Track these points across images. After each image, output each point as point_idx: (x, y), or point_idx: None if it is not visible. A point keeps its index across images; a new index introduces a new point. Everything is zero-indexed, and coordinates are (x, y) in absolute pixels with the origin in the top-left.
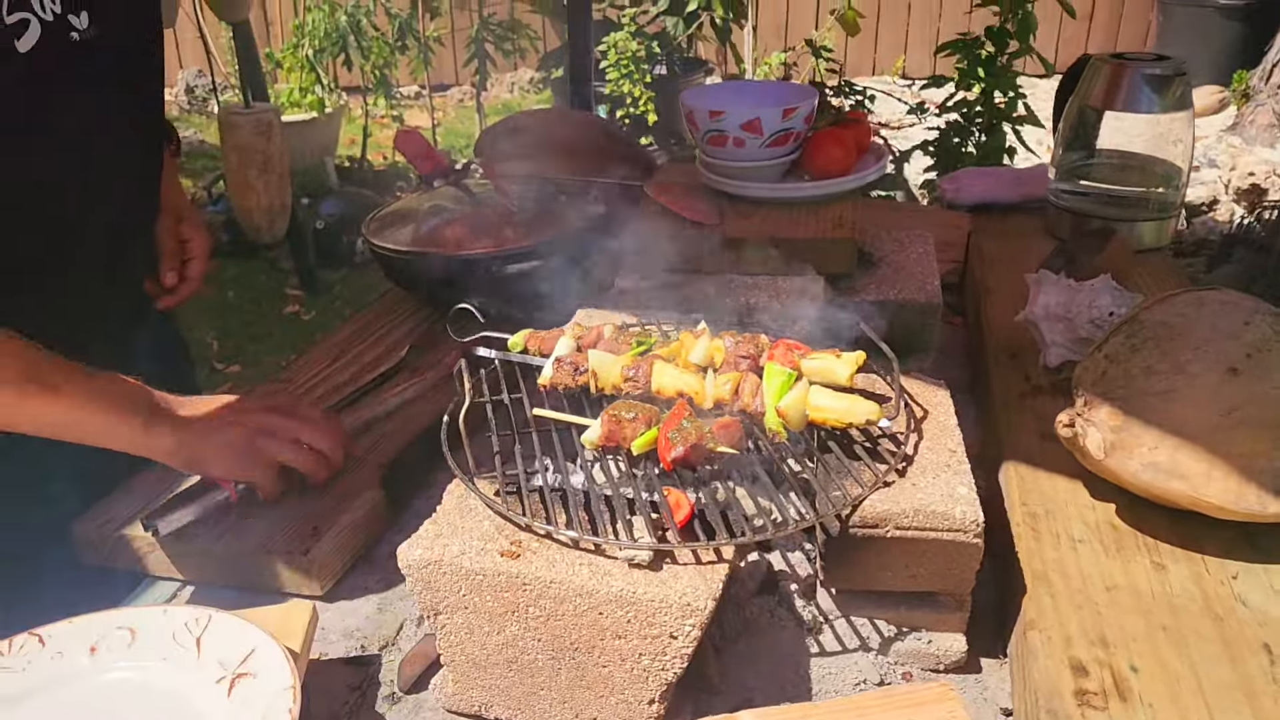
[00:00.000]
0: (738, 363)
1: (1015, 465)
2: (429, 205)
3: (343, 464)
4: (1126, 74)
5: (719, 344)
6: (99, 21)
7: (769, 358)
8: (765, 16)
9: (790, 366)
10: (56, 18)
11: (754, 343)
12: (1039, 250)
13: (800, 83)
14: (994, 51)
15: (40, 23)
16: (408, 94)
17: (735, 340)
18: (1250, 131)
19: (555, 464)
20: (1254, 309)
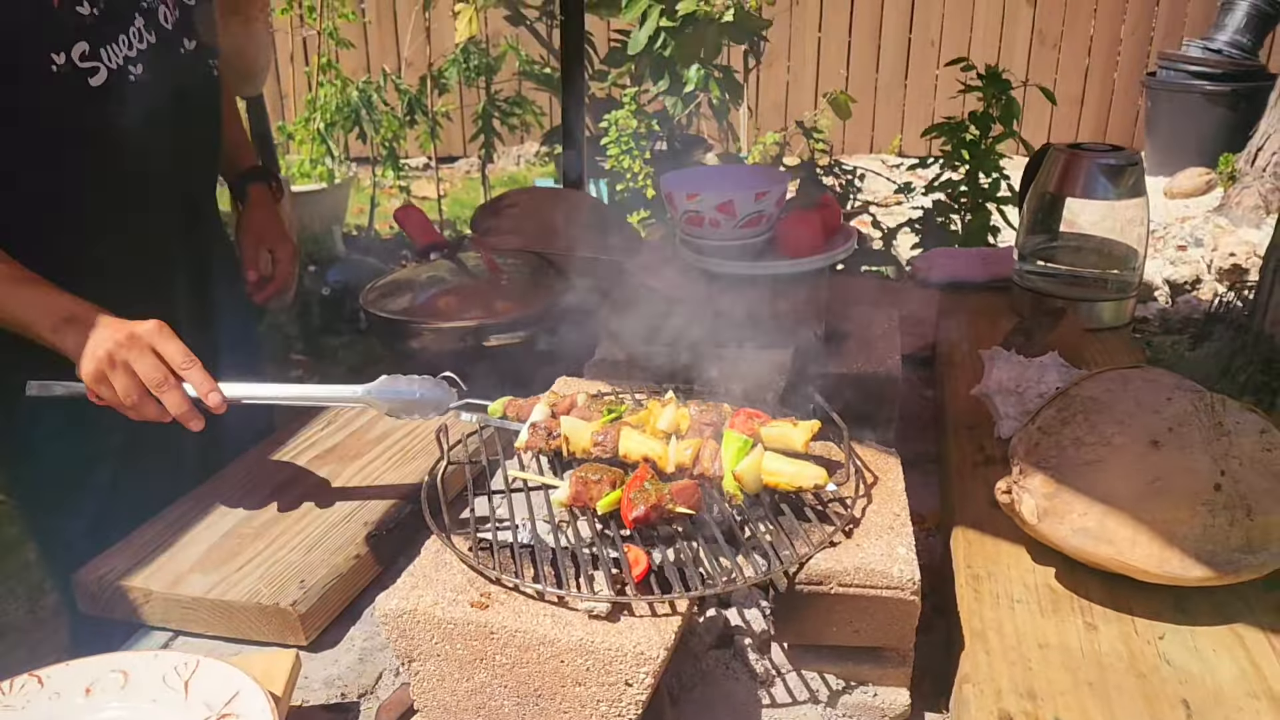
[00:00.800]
0: (702, 429)
1: (964, 530)
2: (426, 276)
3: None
4: (1083, 164)
5: (684, 412)
6: (150, 71)
7: (729, 425)
8: (765, 96)
9: (749, 434)
10: (120, 67)
11: (717, 411)
12: (1002, 327)
13: (788, 162)
14: (978, 135)
15: (107, 69)
16: (416, 165)
17: (700, 408)
18: (1237, 213)
19: (527, 522)
20: (1175, 386)
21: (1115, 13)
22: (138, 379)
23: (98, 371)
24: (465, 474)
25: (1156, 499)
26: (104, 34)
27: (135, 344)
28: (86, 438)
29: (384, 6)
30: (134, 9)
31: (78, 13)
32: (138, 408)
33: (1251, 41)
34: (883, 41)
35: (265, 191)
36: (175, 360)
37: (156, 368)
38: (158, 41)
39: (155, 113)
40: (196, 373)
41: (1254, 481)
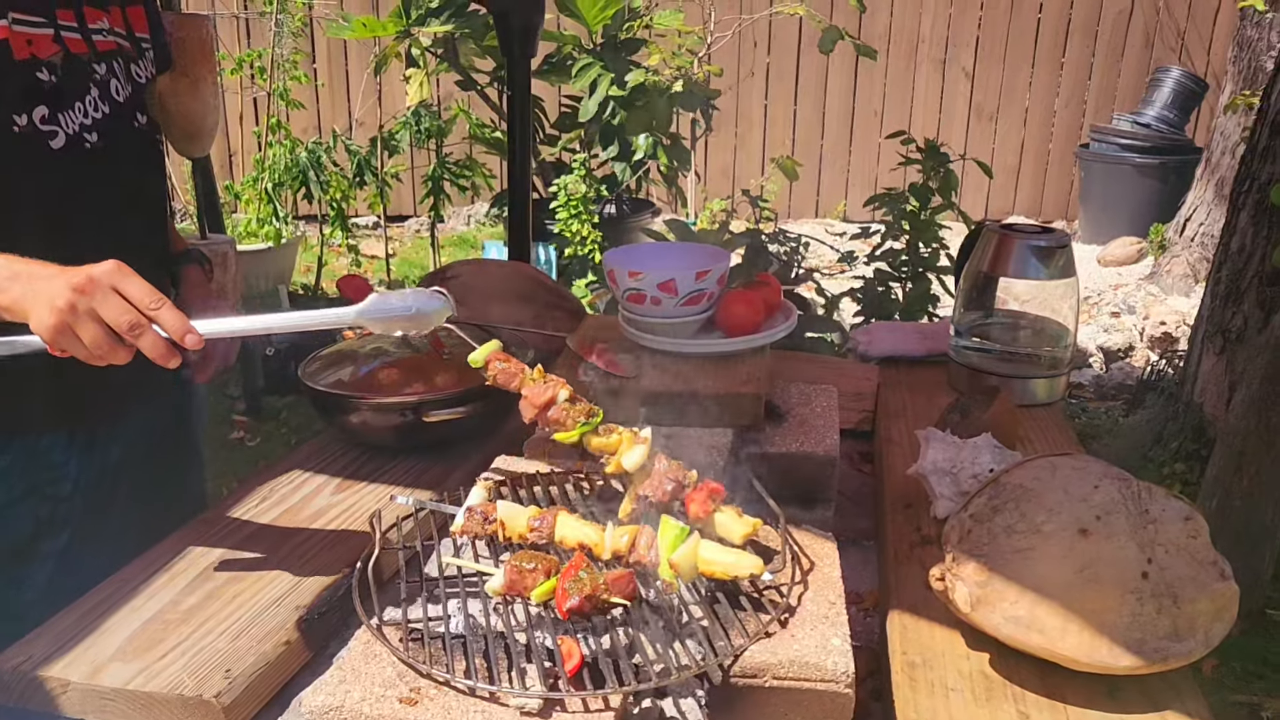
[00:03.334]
0: (663, 483)
1: (900, 614)
2: (369, 348)
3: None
4: (1014, 245)
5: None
6: (104, 139)
7: (690, 497)
8: (713, 161)
9: (704, 511)
10: (75, 133)
11: (683, 473)
12: (940, 402)
13: (735, 228)
14: (919, 206)
15: (65, 134)
16: (365, 224)
17: (668, 464)
18: (1167, 280)
19: (460, 611)
20: (1102, 474)
21: (1049, 87)
22: (105, 325)
23: (59, 324)
24: (399, 559)
25: (1085, 587)
26: (62, 100)
27: (97, 288)
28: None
29: (335, 69)
30: (89, 79)
31: (38, 78)
32: (107, 355)
33: (1178, 117)
34: (827, 110)
35: (199, 272)
36: (143, 301)
37: (125, 310)
38: (111, 113)
39: (108, 181)
40: (167, 312)
41: (1180, 569)
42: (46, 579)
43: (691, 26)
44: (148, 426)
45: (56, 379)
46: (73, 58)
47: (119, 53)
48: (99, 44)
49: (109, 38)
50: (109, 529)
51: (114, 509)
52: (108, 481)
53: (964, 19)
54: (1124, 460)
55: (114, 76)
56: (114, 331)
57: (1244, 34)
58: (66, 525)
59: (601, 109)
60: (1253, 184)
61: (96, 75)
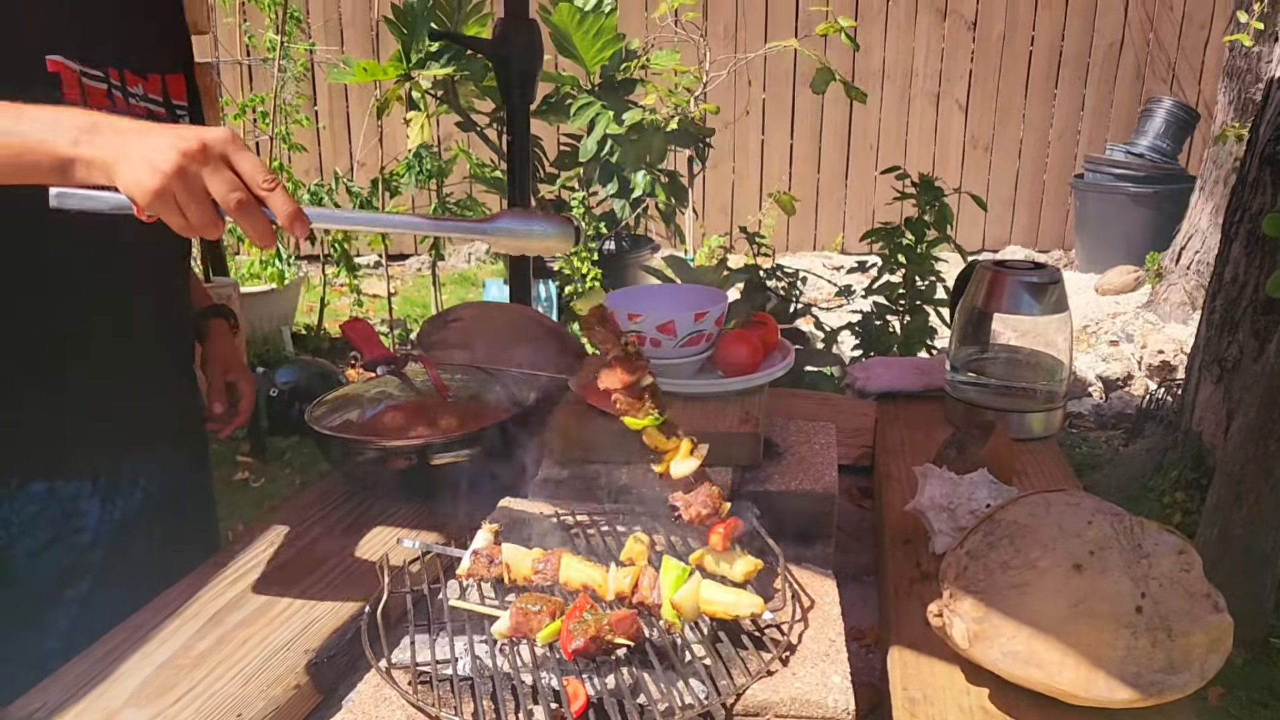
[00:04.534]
0: (700, 505)
1: (900, 650)
2: (374, 392)
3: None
4: (1007, 281)
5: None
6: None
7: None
8: (711, 197)
9: (723, 546)
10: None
11: (720, 503)
12: (938, 437)
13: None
14: (914, 240)
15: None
16: (367, 263)
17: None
18: (1164, 309)
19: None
20: (1096, 509)
21: (1043, 118)
22: (209, 199)
23: (162, 189)
24: (406, 602)
25: (1080, 622)
26: None
27: (209, 156)
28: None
29: (337, 112)
30: None
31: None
32: (203, 230)
33: (1171, 146)
34: (823, 144)
35: (224, 325)
36: (254, 179)
37: (236, 186)
38: None
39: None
40: (279, 195)
41: (1174, 602)
42: (69, 625)
43: (687, 66)
44: (167, 473)
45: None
46: (117, 113)
47: (149, 119)
48: (134, 107)
49: (143, 103)
50: (129, 574)
51: (133, 555)
52: (128, 528)
53: (957, 53)
54: (1124, 489)
55: None
56: (216, 205)
57: (1233, 64)
58: (88, 572)
59: (600, 147)
60: (1244, 214)
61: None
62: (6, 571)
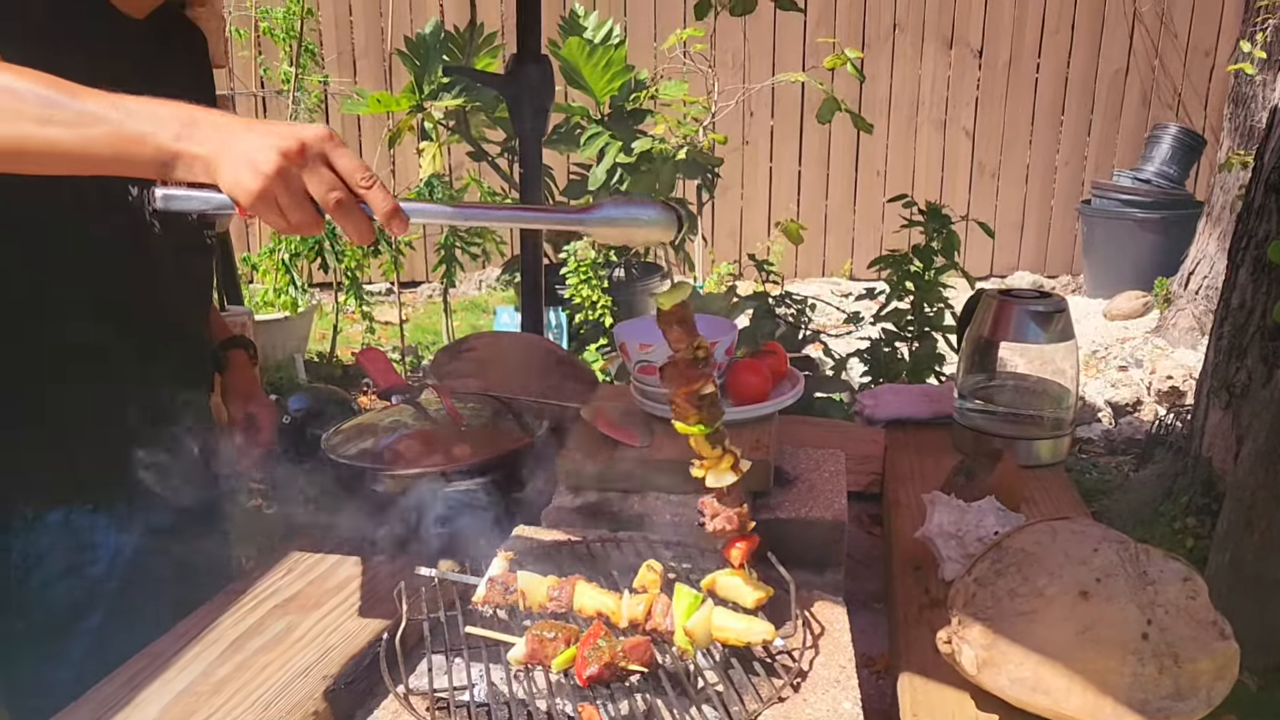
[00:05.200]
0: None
1: (910, 677)
2: (389, 420)
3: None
4: (1013, 310)
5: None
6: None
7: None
8: (720, 224)
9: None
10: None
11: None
12: (946, 464)
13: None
14: (922, 268)
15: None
16: (378, 290)
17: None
18: (1173, 334)
19: (482, 678)
20: (1102, 537)
21: (1049, 144)
22: (310, 198)
23: (264, 190)
24: (423, 629)
25: (1087, 648)
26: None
27: (309, 157)
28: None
29: (350, 142)
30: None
31: None
32: (304, 229)
33: (1178, 172)
34: (831, 171)
35: (244, 356)
36: (353, 177)
37: (335, 185)
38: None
39: (163, 259)
40: (377, 191)
41: (1180, 629)
42: (82, 656)
43: (696, 96)
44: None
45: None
46: None
47: None
48: None
49: None
50: (142, 605)
51: (147, 585)
52: (142, 559)
53: (963, 81)
54: (1135, 515)
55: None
56: (315, 204)
57: (1239, 91)
58: (101, 603)
59: (610, 176)
60: (1249, 241)
61: None
62: (20, 602)
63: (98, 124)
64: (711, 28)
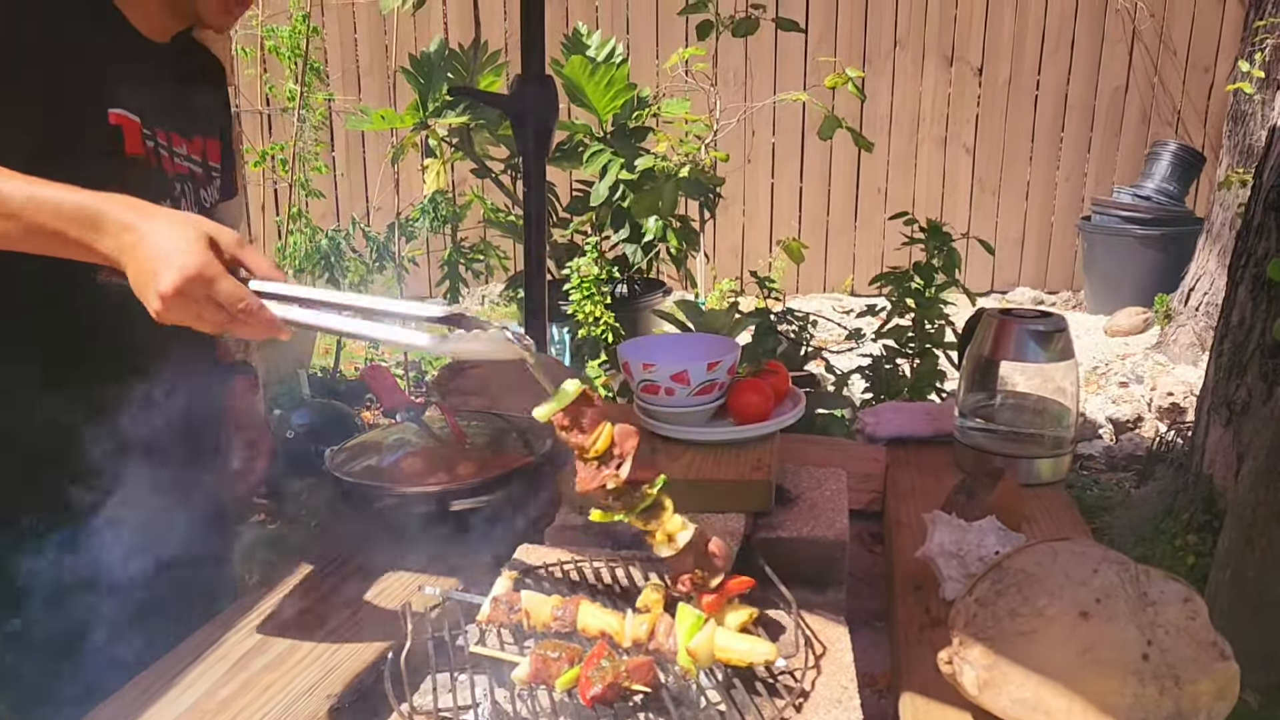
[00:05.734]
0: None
1: (912, 696)
2: (393, 439)
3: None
4: (1012, 329)
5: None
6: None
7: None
8: (722, 240)
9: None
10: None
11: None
12: (947, 483)
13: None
14: (923, 285)
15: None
16: None
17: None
18: (1174, 350)
19: (486, 698)
20: (1101, 558)
21: (1049, 161)
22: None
23: (160, 313)
24: (428, 648)
25: (1088, 669)
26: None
27: (191, 297)
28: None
29: (354, 158)
30: (168, 197)
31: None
32: (215, 331)
33: (1178, 189)
34: (832, 188)
35: (246, 383)
36: (233, 308)
37: (216, 315)
38: None
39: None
40: (247, 327)
41: (1180, 650)
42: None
43: (698, 114)
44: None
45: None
46: (164, 174)
47: (190, 177)
48: (178, 166)
49: (185, 163)
50: (147, 624)
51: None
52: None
53: (963, 98)
54: (1136, 531)
55: (184, 197)
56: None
57: (1238, 109)
58: (107, 619)
59: (612, 193)
60: (1249, 259)
61: (174, 193)
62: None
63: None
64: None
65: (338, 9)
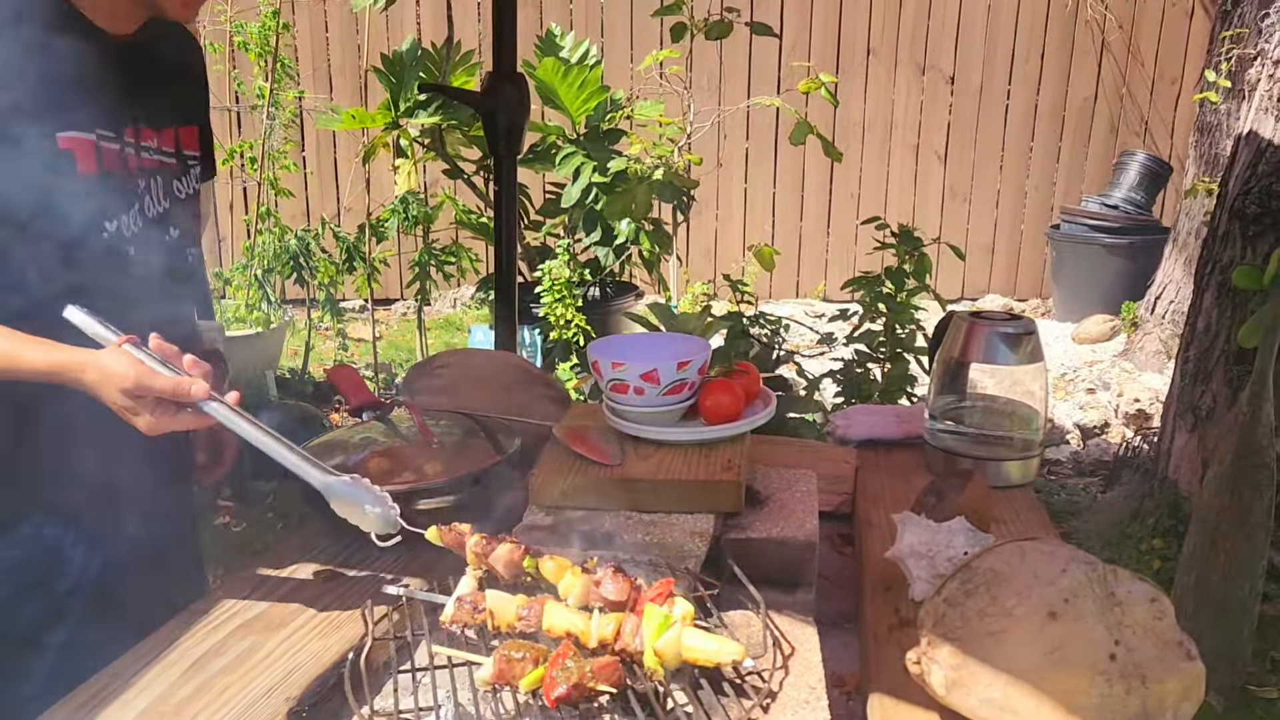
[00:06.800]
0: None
1: (880, 698)
2: (359, 437)
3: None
4: (982, 331)
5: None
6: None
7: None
8: (695, 243)
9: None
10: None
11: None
12: (917, 484)
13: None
14: (894, 289)
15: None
16: (352, 307)
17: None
18: (1140, 357)
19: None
20: (1070, 558)
21: (1019, 170)
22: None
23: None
24: (389, 649)
25: (1056, 669)
26: (119, 210)
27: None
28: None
29: (324, 158)
30: (134, 194)
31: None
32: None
33: (1145, 198)
34: (805, 193)
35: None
36: (155, 431)
37: (158, 427)
38: (143, 228)
39: (140, 291)
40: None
41: (1147, 650)
42: (48, 672)
43: (671, 117)
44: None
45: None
46: (129, 172)
47: (159, 171)
48: (145, 161)
49: (154, 157)
50: (111, 621)
51: (116, 602)
52: (111, 575)
53: (935, 106)
54: (1103, 536)
55: (149, 193)
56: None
57: (1204, 120)
58: (69, 618)
59: (584, 195)
60: (1214, 266)
61: (139, 190)
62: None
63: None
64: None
65: (309, 6)
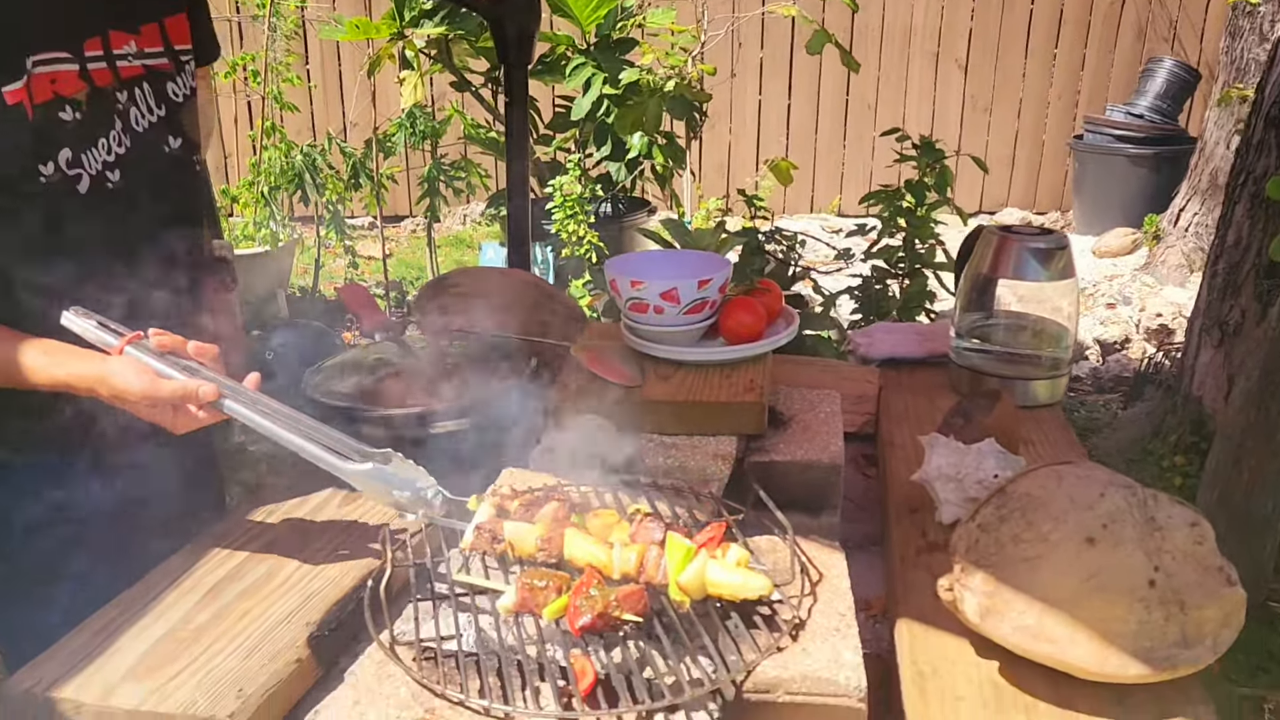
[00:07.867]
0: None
1: (908, 623)
2: (373, 359)
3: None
4: (1013, 246)
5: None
6: (126, 177)
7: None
8: (709, 158)
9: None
10: (99, 173)
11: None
12: (942, 405)
13: (731, 226)
14: (914, 203)
15: (88, 175)
16: (361, 225)
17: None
18: (1162, 271)
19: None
20: (1108, 482)
21: (1042, 79)
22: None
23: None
24: (409, 575)
25: (1093, 596)
26: (85, 139)
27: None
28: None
29: (329, 71)
30: (113, 113)
31: (60, 118)
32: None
33: (1171, 106)
34: (821, 105)
35: (220, 284)
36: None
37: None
38: (132, 146)
39: (132, 221)
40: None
41: (1186, 575)
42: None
43: (684, 25)
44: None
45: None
46: (98, 91)
47: (146, 77)
48: (123, 70)
49: (134, 63)
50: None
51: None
52: (131, 502)
53: (956, 12)
54: (1124, 453)
55: (134, 105)
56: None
57: (1236, 24)
58: (88, 546)
59: (595, 108)
60: (1248, 177)
61: (119, 107)
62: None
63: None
64: None
65: None
